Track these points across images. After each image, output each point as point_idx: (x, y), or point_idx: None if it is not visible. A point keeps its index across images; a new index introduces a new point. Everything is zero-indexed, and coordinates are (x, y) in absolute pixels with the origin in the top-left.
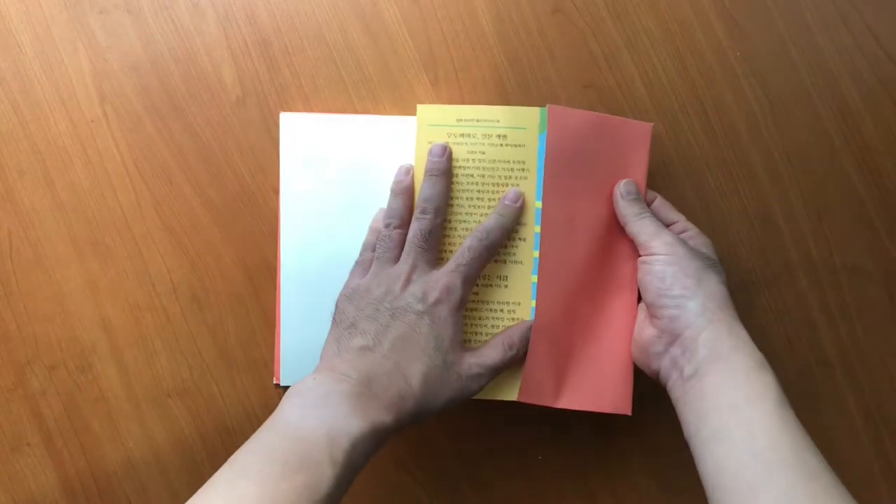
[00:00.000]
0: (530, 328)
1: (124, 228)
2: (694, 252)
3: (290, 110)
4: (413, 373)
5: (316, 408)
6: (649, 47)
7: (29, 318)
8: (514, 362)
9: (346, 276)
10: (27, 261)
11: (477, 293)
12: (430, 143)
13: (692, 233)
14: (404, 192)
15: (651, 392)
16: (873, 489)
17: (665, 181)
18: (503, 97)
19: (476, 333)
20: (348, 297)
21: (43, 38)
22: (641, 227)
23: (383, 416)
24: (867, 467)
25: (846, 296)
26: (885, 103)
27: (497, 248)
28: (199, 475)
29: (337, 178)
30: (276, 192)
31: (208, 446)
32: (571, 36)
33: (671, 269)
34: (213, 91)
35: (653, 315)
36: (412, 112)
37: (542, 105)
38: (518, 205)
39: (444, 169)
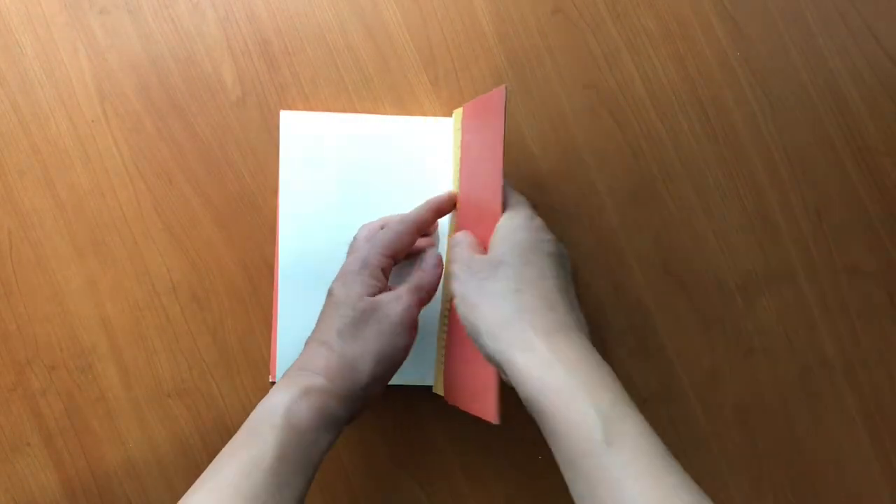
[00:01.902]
0: (435, 254)
1: (124, 228)
2: (473, 271)
3: (291, 110)
4: (330, 334)
5: (260, 403)
6: (649, 47)
7: (29, 318)
8: (432, 285)
9: None
10: (27, 261)
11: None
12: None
13: (501, 224)
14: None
15: (651, 393)
16: (873, 489)
17: (665, 181)
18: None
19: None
20: None
21: (43, 38)
22: (453, 256)
23: (313, 379)
24: (867, 467)
25: (846, 296)
26: (885, 103)
27: (415, 230)
28: (199, 475)
29: (336, 177)
30: (276, 192)
31: (208, 446)
32: (571, 36)
33: (460, 310)
34: (213, 91)
35: None
36: (412, 112)
37: (543, 105)
38: (434, 205)
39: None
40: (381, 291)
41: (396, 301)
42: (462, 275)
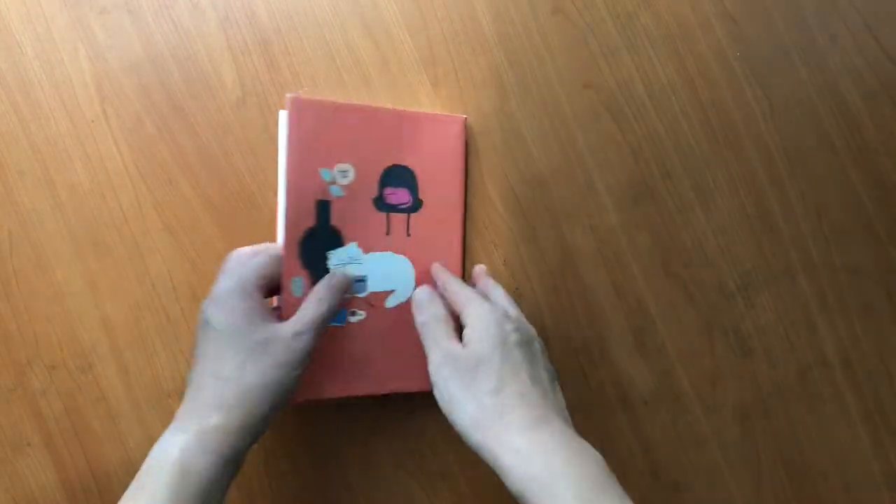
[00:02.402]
0: (332, 276)
1: (124, 228)
2: (458, 366)
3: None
4: (225, 366)
5: (152, 451)
6: (649, 47)
7: (29, 318)
8: (332, 313)
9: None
10: (27, 261)
11: None
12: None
13: (474, 319)
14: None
15: (651, 393)
16: (873, 489)
17: (665, 181)
18: (503, 97)
19: None
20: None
21: (43, 38)
22: (424, 341)
23: (207, 418)
24: (867, 467)
25: (846, 296)
26: (885, 104)
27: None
28: None
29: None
30: (276, 192)
31: None
32: (571, 36)
33: (440, 402)
34: (213, 91)
35: None
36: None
37: (543, 105)
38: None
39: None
40: (263, 314)
41: (296, 338)
42: (445, 370)
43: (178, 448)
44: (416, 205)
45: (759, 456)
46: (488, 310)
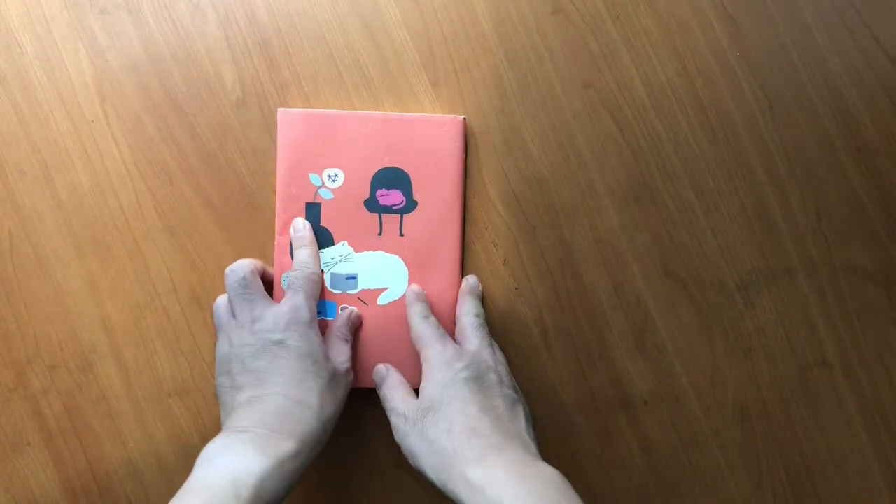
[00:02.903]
0: (349, 315)
1: (124, 228)
2: (414, 417)
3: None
4: (307, 395)
5: (220, 459)
6: (649, 47)
7: (29, 317)
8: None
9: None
10: (27, 261)
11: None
12: None
13: (426, 365)
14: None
15: (651, 393)
16: (873, 489)
17: (665, 181)
18: (503, 97)
19: None
20: (219, 371)
21: (43, 38)
22: (385, 400)
23: (286, 445)
24: (867, 467)
25: (846, 296)
26: (884, 103)
27: (317, 270)
28: None
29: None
30: (276, 192)
31: None
32: (571, 36)
33: (405, 451)
34: (213, 91)
35: None
36: (413, 112)
37: (543, 105)
38: (303, 233)
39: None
40: (323, 344)
41: (349, 374)
42: (400, 426)
43: (258, 473)
44: (411, 205)
45: (759, 456)
46: (438, 352)
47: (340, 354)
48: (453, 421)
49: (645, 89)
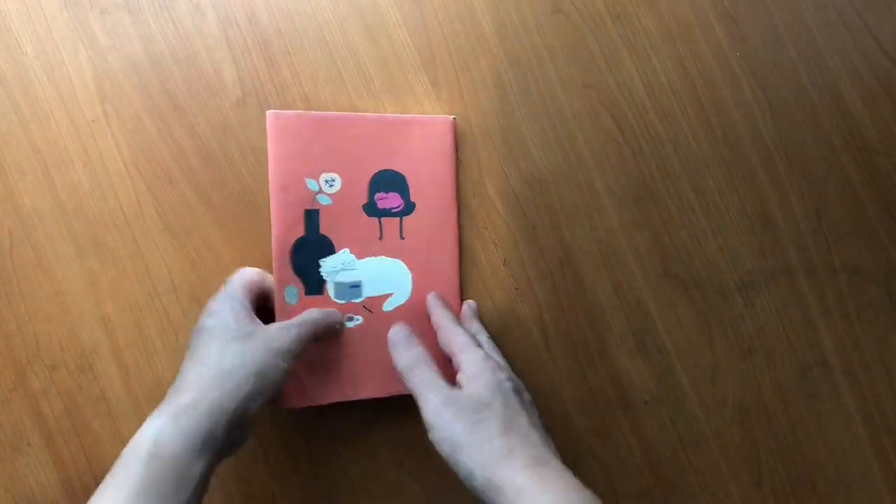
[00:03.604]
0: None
1: (124, 228)
2: (461, 409)
3: (290, 110)
4: (208, 355)
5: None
6: (649, 48)
7: (29, 318)
8: (324, 325)
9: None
10: (27, 261)
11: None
12: None
13: (468, 366)
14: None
15: (651, 393)
16: (873, 489)
17: (665, 181)
18: (503, 97)
19: None
20: None
21: (43, 38)
22: (413, 384)
23: (182, 397)
24: (867, 467)
25: (846, 296)
26: (884, 103)
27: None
28: None
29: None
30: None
31: None
32: (571, 36)
33: (443, 448)
34: (213, 91)
35: None
36: (413, 112)
37: (543, 105)
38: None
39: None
40: (251, 316)
41: (283, 330)
42: (447, 413)
43: (152, 432)
44: (409, 207)
45: (759, 456)
46: (482, 357)
47: (282, 323)
48: (509, 425)
49: (645, 89)
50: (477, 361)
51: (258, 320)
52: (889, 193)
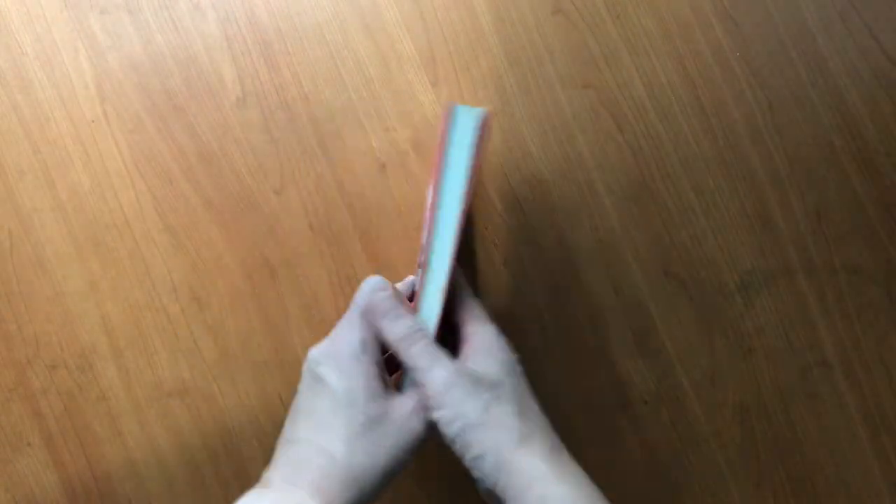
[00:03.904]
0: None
1: (124, 228)
2: (476, 387)
3: (290, 110)
4: (334, 441)
5: None
6: (649, 48)
7: (29, 318)
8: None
9: None
10: (27, 261)
11: None
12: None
13: (479, 338)
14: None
15: (651, 393)
16: (873, 489)
17: (665, 181)
18: (503, 97)
19: None
20: None
21: (43, 38)
22: (412, 357)
23: (306, 500)
24: (867, 467)
25: (846, 296)
26: (884, 103)
27: (386, 288)
28: (199, 475)
29: None
30: (276, 192)
31: (208, 446)
32: (571, 36)
33: (453, 429)
34: (213, 91)
35: None
36: (412, 112)
37: (543, 105)
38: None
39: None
40: (383, 385)
41: (415, 416)
42: (457, 389)
43: None
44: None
45: (759, 456)
46: (496, 332)
47: (413, 393)
48: (523, 405)
49: (645, 89)
50: (491, 336)
51: (387, 386)
52: (889, 193)
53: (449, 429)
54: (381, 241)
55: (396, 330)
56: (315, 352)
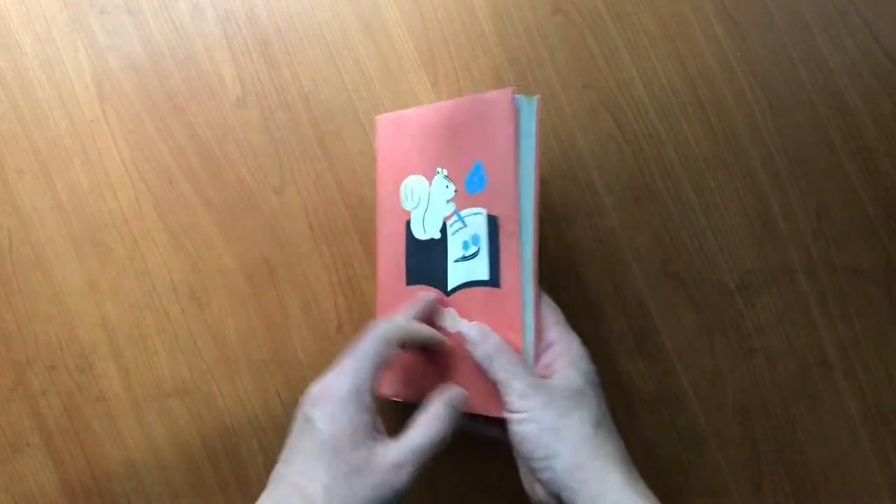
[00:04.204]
0: (453, 390)
1: (124, 228)
2: (553, 395)
3: (290, 110)
4: (314, 484)
5: None
6: (649, 47)
7: (29, 318)
8: (447, 440)
9: None
10: (27, 261)
11: None
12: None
13: (563, 346)
14: None
15: (651, 393)
16: (873, 489)
17: (665, 181)
18: None
19: None
20: None
21: (43, 38)
22: (495, 372)
23: None
24: (867, 467)
25: (846, 296)
26: (884, 103)
27: (391, 340)
28: (199, 475)
29: None
30: (276, 192)
31: (208, 446)
32: (571, 36)
33: (529, 428)
34: (213, 91)
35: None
36: None
37: (543, 105)
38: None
39: None
40: (371, 433)
41: (395, 471)
42: (538, 398)
43: None
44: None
45: (759, 456)
46: (580, 344)
47: (399, 442)
48: (599, 417)
49: (645, 89)
50: (575, 346)
51: (376, 433)
52: (889, 193)
53: (524, 438)
54: None
55: (482, 349)
56: (314, 390)
